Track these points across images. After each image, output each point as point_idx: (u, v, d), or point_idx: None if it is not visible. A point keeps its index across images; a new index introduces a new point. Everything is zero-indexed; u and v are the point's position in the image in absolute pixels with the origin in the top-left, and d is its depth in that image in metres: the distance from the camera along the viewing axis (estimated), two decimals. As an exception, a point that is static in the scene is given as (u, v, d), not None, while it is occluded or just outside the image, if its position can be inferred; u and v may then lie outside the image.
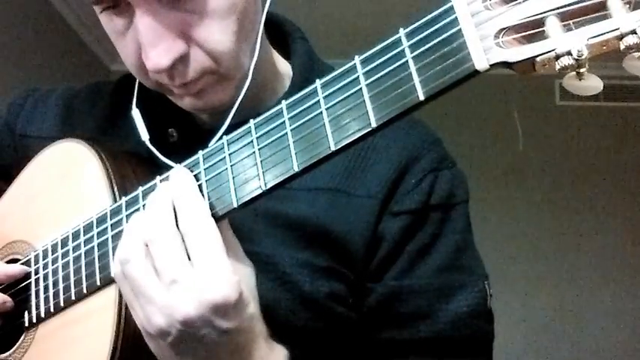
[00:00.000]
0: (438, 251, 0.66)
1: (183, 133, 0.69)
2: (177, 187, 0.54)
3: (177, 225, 0.52)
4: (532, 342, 2.86)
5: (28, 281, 0.68)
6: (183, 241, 0.51)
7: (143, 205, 0.58)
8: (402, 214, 0.65)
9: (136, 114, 0.69)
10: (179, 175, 0.55)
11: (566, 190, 3.02)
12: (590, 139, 3.07)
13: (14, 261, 0.71)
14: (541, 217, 2.98)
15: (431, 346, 0.65)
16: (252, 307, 0.54)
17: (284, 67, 0.73)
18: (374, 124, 0.45)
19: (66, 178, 0.69)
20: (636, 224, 2.96)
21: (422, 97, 0.43)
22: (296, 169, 0.49)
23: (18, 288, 0.69)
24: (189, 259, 0.51)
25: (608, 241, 2.95)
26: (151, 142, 0.67)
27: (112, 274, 0.55)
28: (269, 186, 0.50)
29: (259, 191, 0.51)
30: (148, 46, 0.57)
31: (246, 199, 0.51)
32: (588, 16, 0.39)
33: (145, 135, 0.67)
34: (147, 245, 0.52)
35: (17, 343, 0.68)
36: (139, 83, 0.68)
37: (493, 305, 0.68)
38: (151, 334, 0.52)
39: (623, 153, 3.05)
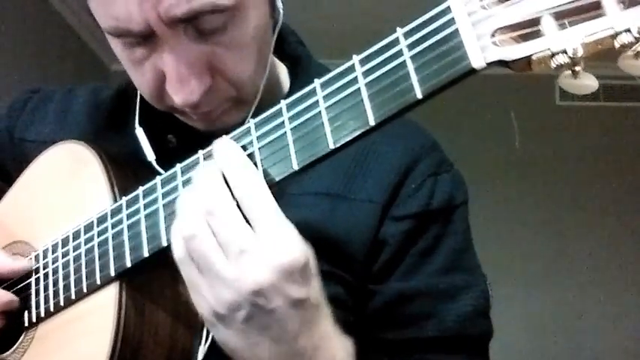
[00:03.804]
0: (441, 253, 0.67)
1: (182, 138, 0.70)
2: (225, 156, 0.52)
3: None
4: (532, 342, 2.85)
5: (29, 280, 0.68)
6: (240, 210, 0.49)
7: (144, 205, 0.58)
8: (405, 218, 0.67)
9: (139, 133, 0.70)
10: (224, 145, 0.53)
11: (566, 189, 3.02)
12: (590, 139, 3.07)
13: (15, 262, 0.71)
14: (541, 217, 2.99)
15: (436, 344, 0.66)
16: (318, 280, 0.52)
17: (282, 71, 0.74)
18: (372, 123, 0.45)
19: (67, 179, 0.69)
20: (636, 224, 2.96)
21: (420, 96, 0.43)
22: (295, 167, 0.49)
23: (19, 287, 0.69)
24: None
25: (607, 240, 2.96)
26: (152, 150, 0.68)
27: (175, 257, 0.51)
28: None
29: None
30: (177, 81, 0.58)
31: None
32: (583, 15, 0.40)
33: (150, 155, 0.68)
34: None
35: (17, 343, 0.68)
36: (140, 97, 0.69)
37: (493, 305, 0.69)
38: (221, 314, 0.50)
39: (622, 153, 3.05)
